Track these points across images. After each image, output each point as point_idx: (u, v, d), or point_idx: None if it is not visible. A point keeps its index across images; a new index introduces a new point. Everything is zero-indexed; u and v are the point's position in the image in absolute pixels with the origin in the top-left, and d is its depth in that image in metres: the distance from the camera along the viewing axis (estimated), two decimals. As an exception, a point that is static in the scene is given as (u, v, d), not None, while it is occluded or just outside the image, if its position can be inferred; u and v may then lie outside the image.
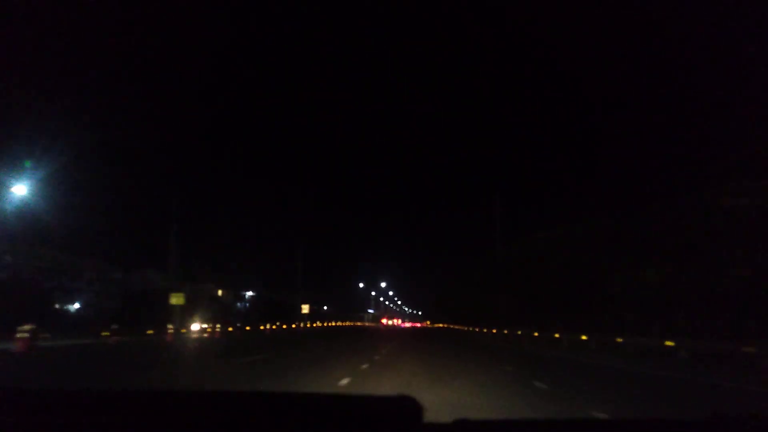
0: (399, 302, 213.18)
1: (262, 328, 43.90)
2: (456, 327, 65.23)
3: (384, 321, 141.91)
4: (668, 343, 18.70)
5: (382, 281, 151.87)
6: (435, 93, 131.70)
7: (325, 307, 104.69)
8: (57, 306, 40.13)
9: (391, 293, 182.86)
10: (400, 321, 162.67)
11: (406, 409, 1.52)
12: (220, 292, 62.17)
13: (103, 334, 23.52)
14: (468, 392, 9.04)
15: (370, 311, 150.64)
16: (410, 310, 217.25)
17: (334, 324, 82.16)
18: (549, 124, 78.49)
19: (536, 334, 29.34)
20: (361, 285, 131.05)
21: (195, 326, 30.81)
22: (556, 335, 26.73)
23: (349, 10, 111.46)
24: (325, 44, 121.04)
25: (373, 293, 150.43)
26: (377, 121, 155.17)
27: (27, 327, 16.02)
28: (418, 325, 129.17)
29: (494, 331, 40.74)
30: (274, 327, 46.26)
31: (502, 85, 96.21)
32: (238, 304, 67.71)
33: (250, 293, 70.29)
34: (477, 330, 48.19)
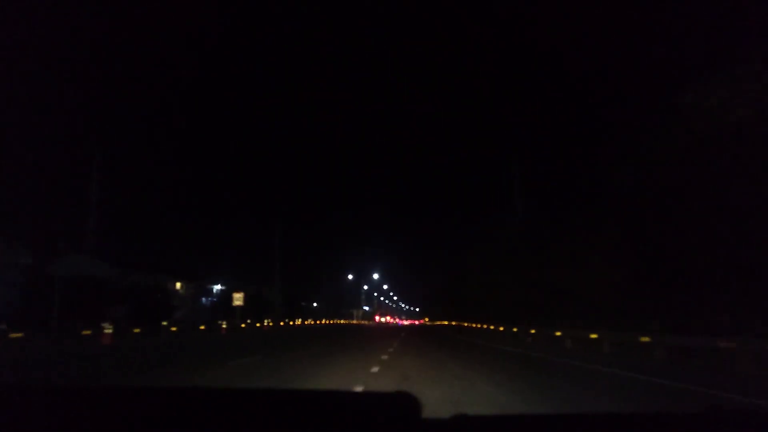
0: (395, 298, 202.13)
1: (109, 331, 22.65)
2: (475, 326, 43.96)
3: (377, 318, 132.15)
4: None
5: (375, 274, 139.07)
6: (430, 84, 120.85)
7: (315, 304, 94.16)
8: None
9: (385, 287, 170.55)
10: (396, 318, 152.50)
11: (405, 405, 1.44)
12: (178, 285, 49.99)
13: None
14: None
15: (365, 308, 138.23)
16: (407, 307, 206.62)
17: (300, 323, 59.58)
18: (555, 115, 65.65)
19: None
20: (350, 277, 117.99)
21: None
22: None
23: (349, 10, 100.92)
24: (324, 43, 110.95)
25: (366, 287, 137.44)
26: (367, 104, 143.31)
27: None
28: (417, 323, 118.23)
29: (595, 336, 19.58)
30: (137, 330, 26.76)
31: (497, 75, 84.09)
32: (203, 299, 55.63)
33: (218, 287, 57.92)
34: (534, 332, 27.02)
